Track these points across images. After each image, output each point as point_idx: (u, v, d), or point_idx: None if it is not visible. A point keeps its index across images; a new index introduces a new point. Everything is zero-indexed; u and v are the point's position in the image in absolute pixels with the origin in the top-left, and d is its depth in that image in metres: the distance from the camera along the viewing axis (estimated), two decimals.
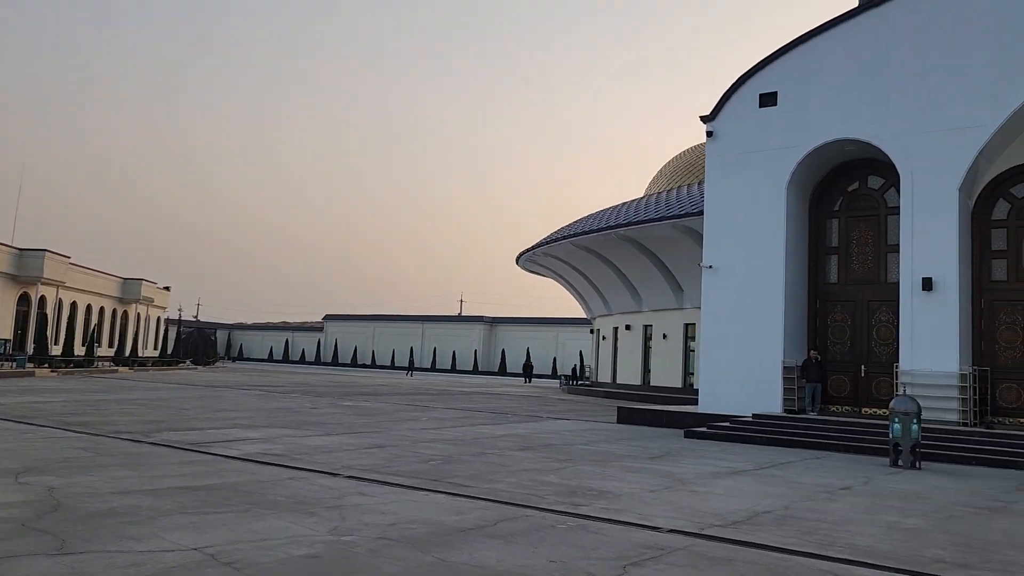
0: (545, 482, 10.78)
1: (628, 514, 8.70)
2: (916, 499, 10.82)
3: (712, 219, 22.33)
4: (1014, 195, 19.75)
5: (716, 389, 21.56)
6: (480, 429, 18.74)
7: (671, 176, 50.04)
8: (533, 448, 15.02)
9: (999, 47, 18.52)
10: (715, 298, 21.98)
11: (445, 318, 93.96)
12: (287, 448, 13.28)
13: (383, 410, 23.80)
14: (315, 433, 16.04)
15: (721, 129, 22.29)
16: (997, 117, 18.37)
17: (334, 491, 9.31)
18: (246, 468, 10.84)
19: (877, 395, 20.93)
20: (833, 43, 20.76)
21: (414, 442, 15.11)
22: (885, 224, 21.33)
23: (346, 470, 11.08)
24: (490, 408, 27.25)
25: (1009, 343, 19.44)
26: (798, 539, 7.81)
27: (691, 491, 10.60)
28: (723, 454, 15.53)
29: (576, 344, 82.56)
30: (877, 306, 21.17)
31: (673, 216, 33.86)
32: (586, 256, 42.36)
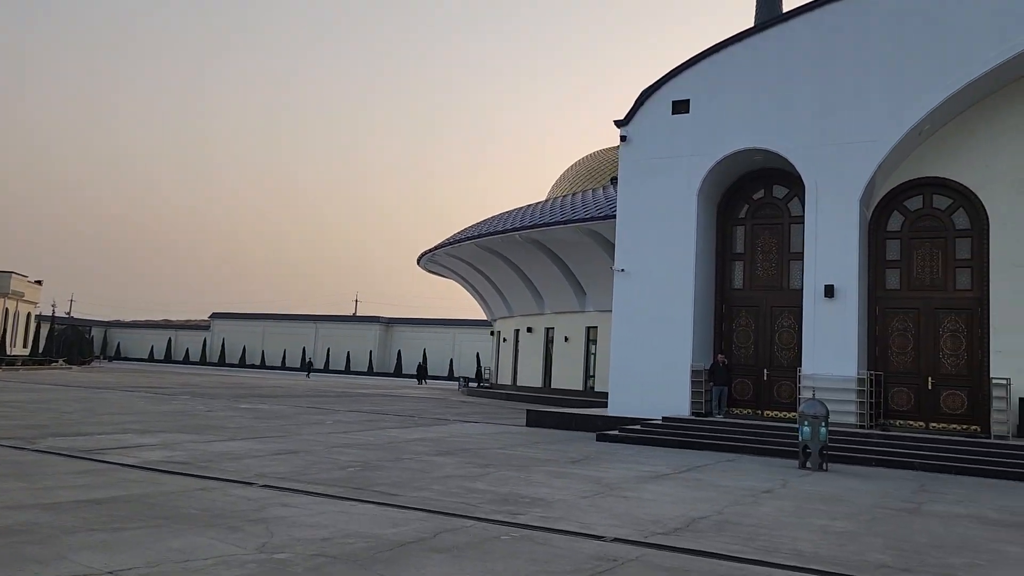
0: (474, 489, 10.40)
1: (568, 522, 8.43)
2: (836, 501, 11.01)
3: (624, 223, 22.48)
4: (907, 208, 20.71)
5: (625, 392, 21.69)
6: (390, 433, 18.15)
7: (574, 180, 50.53)
8: (450, 453, 14.59)
9: (895, 66, 19.35)
10: (626, 302, 22.13)
11: (340, 318, 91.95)
12: (190, 455, 12.39)
13: (284, 413, 22.82)
14: (217, 438, 15.11)
15: (635, 134, 22.47)
16: (894, 133, 19.20)
17: (253, 502, 8.64)
18: (150, 478, 9.98)
19: (779, 398, 21.53)
20: (743, 55, 21.25)
21: (326, 447, 14.43)
22: (788, 232, 21.99)
23: (260, 478, 10.37)
24: (394, 411, 26.60)
25: (901, 349, 20.35)
26: (743, 545, 7.72)
27: (623, 497, 10.44)
28: (639, 457, 15.53)
29: (473, 346, 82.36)
30: (780, 312, 21.80)
31: (579, 219, 34.05)
32: (489, 258, 42.14)
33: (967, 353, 19.66)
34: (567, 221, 34.34)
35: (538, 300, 42.06)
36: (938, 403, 19.79)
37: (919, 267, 20.40)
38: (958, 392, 19.65)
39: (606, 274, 36.11)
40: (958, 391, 19.66)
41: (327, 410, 25.15)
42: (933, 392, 19.86)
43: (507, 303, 45.34)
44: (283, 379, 57.19)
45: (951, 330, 19.89)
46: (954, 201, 20.19)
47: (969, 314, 19.73)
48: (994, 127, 19.68)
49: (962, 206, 20.08)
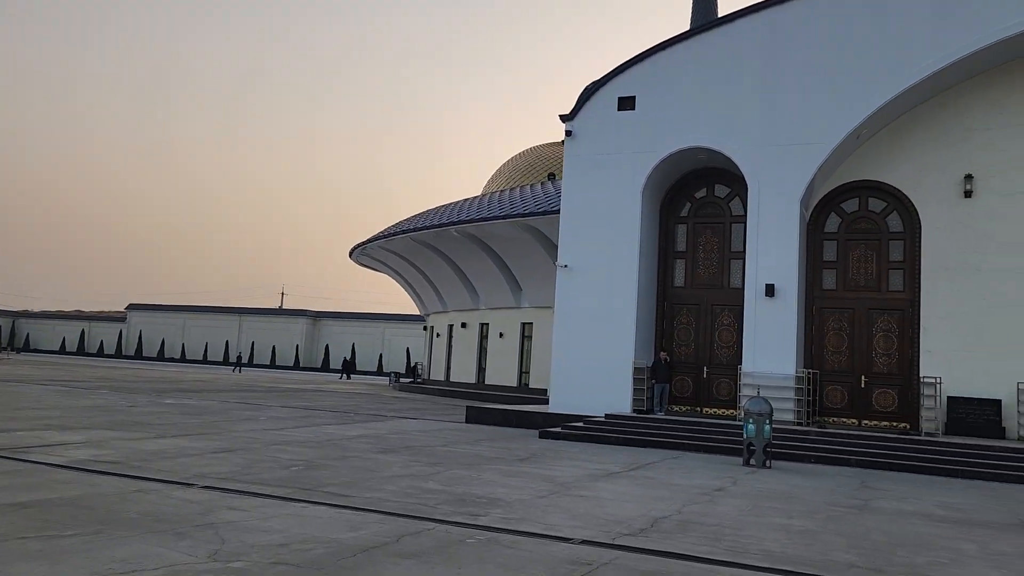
0: (428, 489, 10.03)
1: (531, 524, 8.16)
2: (789, 499, 11.04)
3: (568, 218, 22.33)
4: (844, 210, 21.14)
5: (567, 389, 21.56)
6: (328, 430, 17.59)
7: (511, 175, 50.36)
8: (394, 451, 14.16)
9: (837, 70, 19.70)
10: (569, 298, 21.99)
11: (265, 311, 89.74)
12: (121, 453, 11.66)
13: (212, 408, 21.94)
14: (146, 435, 14.32)
15: (580, 129, 22.35)
16: (835, 136, 19.54)
17: (197, 505, 8.10)
18: (81, 479, 9.29)
19: (717, 395, 21.74)
20: (689, 53, 21.34)
21: (264, 445, 13.82)
22: (730, 232, 22.20)
23: (200, 479, 9.79)
24: (327, 406, 25.91)
25: (836, 348, 20.77)
26: (712, 546, 7.58)
27: (579, 496, 10.23)
28: (586, 455, 15.38)
29: (403, 341, 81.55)
30: (720, 310, 22.00)
31: (517, 215, 33.86)
32: (424, 252, 41.60)
33: (898, 352, 20.19)
34: (505, 216, 34.10)
35: (473, 295, 41.73)
36: (870, 401, 20.27)
37: (854, 268, 20.85)
38: (889, 390, 20.16)
39: (543, 270, 36.07)
40: (889, 389, 20.17)
41: (258, 406, 24.32)
42: (866, 390, 20.33)
43: (441, 298, 44.87)
44: (205, 373, 55.40)
45: (884, 330, 20.40)
46: (888, 204, 20.70)
47: (901, 315, 20.25)
48: (927, 133, 20.23)
49: (896, 209, 20.60)
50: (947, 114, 20.10)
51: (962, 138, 19.91)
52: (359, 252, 47.93)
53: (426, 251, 41.45)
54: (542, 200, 34.71)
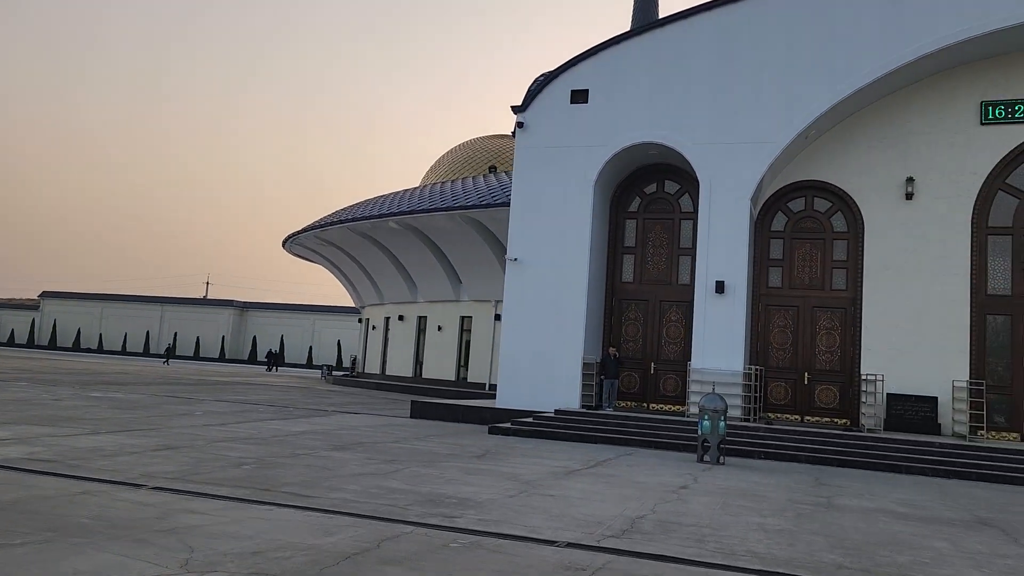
0: (393, 489, 9.60)
1: (510, 526, 7.84)
2: (755, 497, 10.98)
3: (518, 211, 22.03)
4: (791, 209, 21.42)
5: (514, 384, 21.28)
6: (271, 425, 16.91)
7: (450, 167, 49.79)
8: (346, 447, 13.64)
9: (788, 71, 19.91)
10: (518, 292, 21.70)
11: (189, 301, 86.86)
12: (55, 451, 10.87)
13: (143, 402, 20.92)
14: (79, 431, 13.45)
15: (532, 121, 22.06)
16: (785, 136, 19.74)
17: (152, 508, 7.51)
18: (17, 479, 8.56)
19: (664, 391, 21.79)
20: (643, 49, 21.27)
21: (208, 442, 13.13)
22: (679, 228, 22.26)
23: (147, 479, 9.15)
24: (263, 401, 25.05)
25: (781, 345, 21.05)
26: (699, 548, 7.40)
27: (548, 495, 9.95)
28: (541, 452, 15.13)
29: (334, 333, 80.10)
30: (668, 306, 22.05)
31: (459, 207, 33.43)
32: (362, 243, 40.78)
33: (840, 350, 20.56)
34: (447, 208, 33.64)
35: (411, 288, 41.13)
36: (813, 397, 20.61)
37: (799, 266, 21.16)
38: (831, 387, 20.53)
39: (484, 263, 35.75)
40: (831, 386, 20.54)
41: (190, 400, 23.33)
42: (809, 387, 20.66)
43: (378, 290, 44.10)
44: (127, 364, 53.23)
45: (827, 328, 20.75)
46: (833, 205, 21.05)
47: (844, 313, 20.63)
48: (871, 136, 20.63)
49: (840, 210, 20.96)
50: (890, 118, 20.53)
51: (904, 142, 20.36)
52: (293, 242, 46.73)
53: (364, 242, 40.64)
54: (485, 193, 34.37)
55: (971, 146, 19.81)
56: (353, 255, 43.51)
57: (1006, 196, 19.66)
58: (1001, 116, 19.60)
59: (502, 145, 50.08)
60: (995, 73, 19.77)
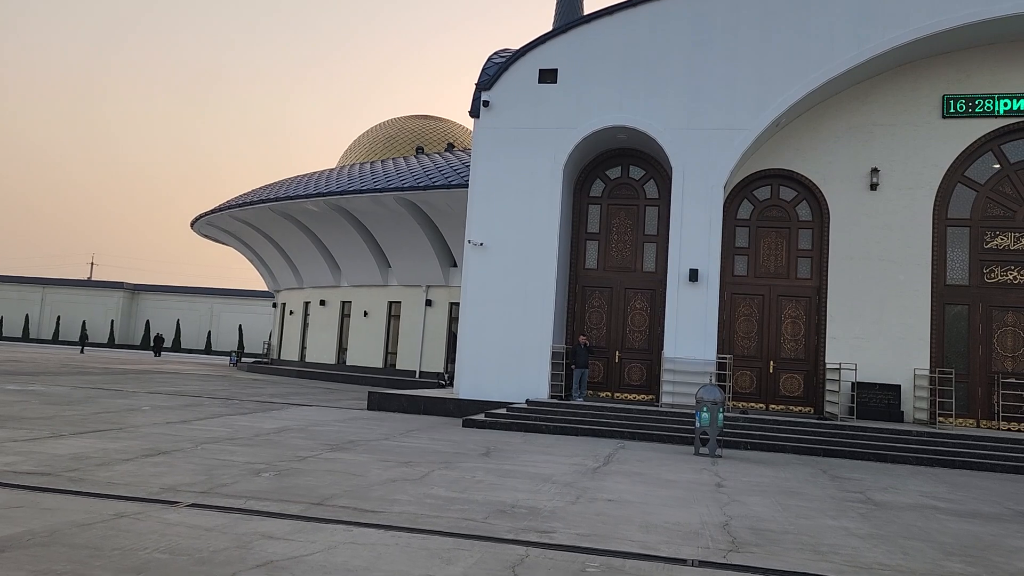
0: (447, 498, 8.72)
1: (616, 541, 7.15)
2: (795, 495, 10.65)
3: (481, 194, 21.14)
4: (756, 197, 21.42)
5: (477, 374, 20.48)
6: (236, 422, 15.54)
7: (370, 147, 48.11)
8: (343, 448, 12.57)
9: (762, 58, 19.81)
10: (480, 278, 20.86)
11: (73, 282, 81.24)
12: (35, 460, 9.40)
13: (73, 396, 18.97)
14: (38, 433, 11.83)
15: (497, 100, 21.18)
16: (758, 123, 19.65)
17: (221, 534, 6.40)
18: (28, 500, 7.21)
19: (629, 380, 21.48)
20: (615, 28, 20.73)
21: (194, 444, 11.79)
22: (644, 214, 21.93)
23: (173, 493, 7.95)
24: (199, 392, 23.29)
25: (746, 333, 21.07)
26: (829, 562, 6.91)
27: (608, 500, 9.29)
28: (538, 447, 14.43)
29: (234, 317, 76.63)
30: (633, 294, 21.71)
31: (394, 188, 32.15)
32: (282, 224, 38.78)
33: (805, 339, 20.76)
34: (383, 190, 32.28)
35: (335, 271, 39.50)
36: (778, 386, 20.74)
37: (765, 255, 21.21)
38: (796, 376, 20.71)
39: (416, 247, 34.59)
40: (796, 375, 20.72)
41: (120, 392, 21.40)
42: (774, 375, 20.78)
43: (297, 274, 42.17)
44: (11, 351, 49.06)
45: (792, 316, 20.90)
46: (799, 194, 21.18)
47: (808, 302, 20.83)
48: (837, 127, 20.83)
49: (806, 199, 21.11)
50: (855, 109, 20.77)
51: (868, 133, 20.65)
52: (204, 222, 44.07)
53: (285, 223, 38.68)
54: (421, 174, 33.20)
55: (933, 139, 20.27)
56: (271, 237, 41.39)
57: (964, 189, 20.24)
58: (961, 110, 20.12)
59: (425, 125, 48.80)
60: (956, 68, 20.27)
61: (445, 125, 48.93)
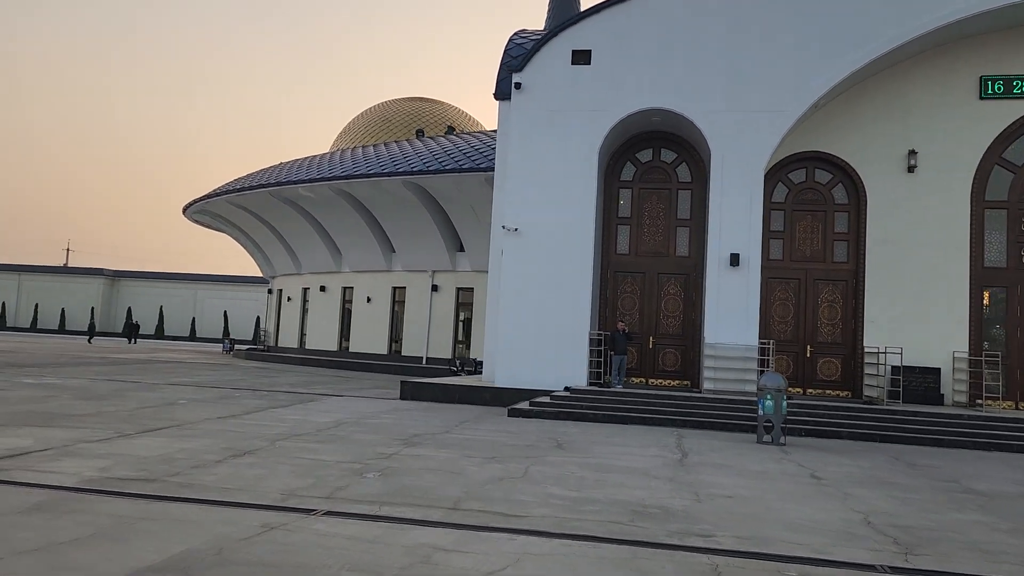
0: (573, 498, 8.34)
1: (780, 544, 6.84)
2: (905, 488, 10.38)
3: (514, 178, 20.65)
4: (792, 180, 21.17)
5: (514, 362, 20.07)
6: (287, 415, 15.03)
7: (365, 130, 47.30)
8: (415, 443, 12.12)
9: (802, 37, 19.48)
10: (515, 264, 20.39)
11: (51, 269, 79.47)
12: (130, 465, 8.85)
13: (97, 390, 18.29)
14: (105, 433, 11.25)
15: (529, 82, 20.65)
16: (799, 104, 19.36)
17: (386, 547, 5.97)
18: (159, 512, 6.70)
19: (664, 367, 21.22)
20: (650, 8, 20.26)
21: (268, 441, 11.30)
22: (676, 198, 21.59)
23: (295, 499, 7.50)
24: (218, 383, 22.66)
25: (782, 318, 20.88)
26: (989, 560, 6.65)
27: (726, 497, 8.97)
28: (603, 437, 14.07)
29: (218, 303, 75.49)
30: (666, 279, 21.41)
31: (403, 172, 31.54)
32: (281, 208, 37.95)
33: (842, 323, 20.61)
34: (391, 174, 31.70)
35: (336, 257, 38.81)
36: (815, 370, 20.59)
37: (801, 239, 20.99)
38: (834, 360, 20.57)
39: (421, 232, 34.01)
40: (833, 359, 20.58)
41: (140, 383, 20.75)
42: (811, 360, 20.62)
43: (296, 259, 41.38)
44: None
45: (828, 300, 20.73)
46: (834, 176, 20.95)
47: (845, 285, 20.66)
48: (874, 107, 20.60)
49: (841, 181, 20.90)
50: (892, 89, 20.55)
51: (906, 113, 20.44)
52: (199, 207, 43.08)
53: (283, 208, 37.85)
54: (428, 157, 32.60)
55: (970, 120, 20.11)
56: (269, 222, 40.51)
57: (1002, 171, 20.13)
58: (1000, 91, 19.97)
59: (422, 108, 48.04)
60: (994, 49, 20.09)
61: (442, 108, 48.20)
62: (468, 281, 34.37)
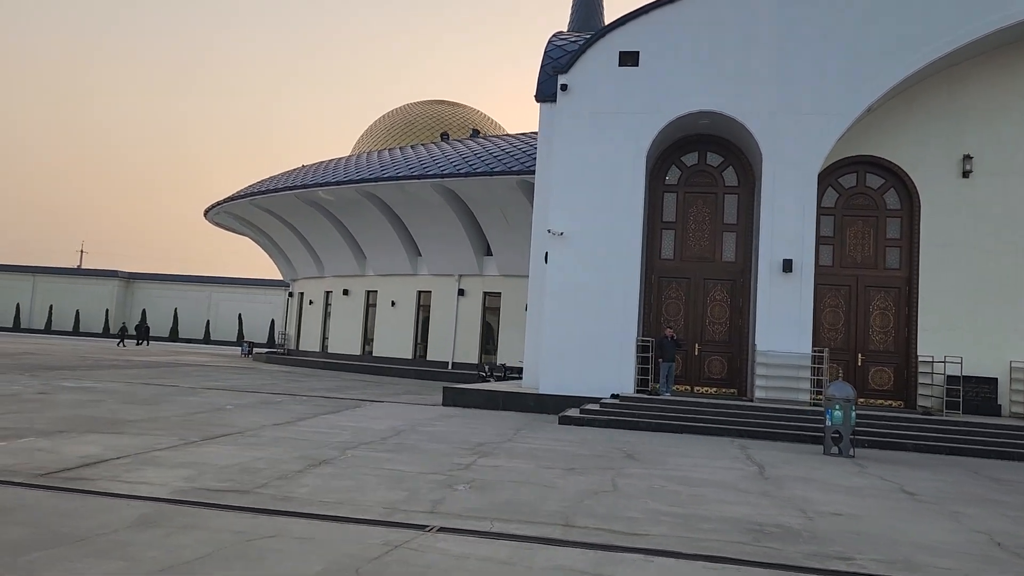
0: (683, 515, 7.93)
1: (935, 571, 6.42)
2: (998, 504, 10.00)
3: (561, 181, 20.26)
4: (842, 184, 20.75)
5: (559, 368, 19.64)
6: (338, 421, 14.65)
7: (387, 133, 47.03)
8: (487, 453, 11.72)
9: (854, 36, 19.07)
10: (560, 269, 19.98)
11: (67, 271, 79.27)
12: (212, 475, 8.46)
13: (140, 395, 17.94)
14: (168, 440, 10.87)
15: (576, 84, 20.27)
16: (854, 108, 18.94)
17: (526, 569, 5.58)
18: (268, 527, 6.30)
19: (710, 374, 20.80)
20: (699, 8, 19.88)
21: (338, 450, 10.91)
22: (723, 202, 21.18)
23: (401, 514, 7.10)
24: (251, 387, 22.29)
25: (832, 325, 20.43)
26: None
27: (835, 514, 8.56)
28: (664, 446, 13.68)
29: (233, 306, 75.11)
30: (712, 284, 20.99)
31: (433, 175, 31.21)
32: (306, 211, 37.59)
33: (895, 330, 20.16)
34: (421, 176, 31.39)
35: (360, 260, 38.45)
36: (867, 379, 20.14)
37: (851, 244, 20.56)
38: (886, 368, 20.12)
39: (449, 235, 33.63)
40: (885, 367, 20.13)
41: (178, 388, 20.41)
42: (863, 368, 20.18)
43: (319, 262, 41.04)
44: (14, 342, 47.48)
45: (880, 308, 20.29)
46: (886, 181, 20.52)
47: (898, 292, 20.22)
48: (927, 111, 20.18)
49: (894, 186, 20.47)
50: (946, 92, 20.13)
51: (960, 118, 20.02)
52: (220, 210, 42.77)
53: (307, 210, 37.52)
54: (458, 160, 32.25)
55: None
56: (293, 224, 40.18)
57: None
58: None
59: (444, 111, 47.75)
60: None
61: (464, 111, 47.90)
62: (496, 286, 34.03)
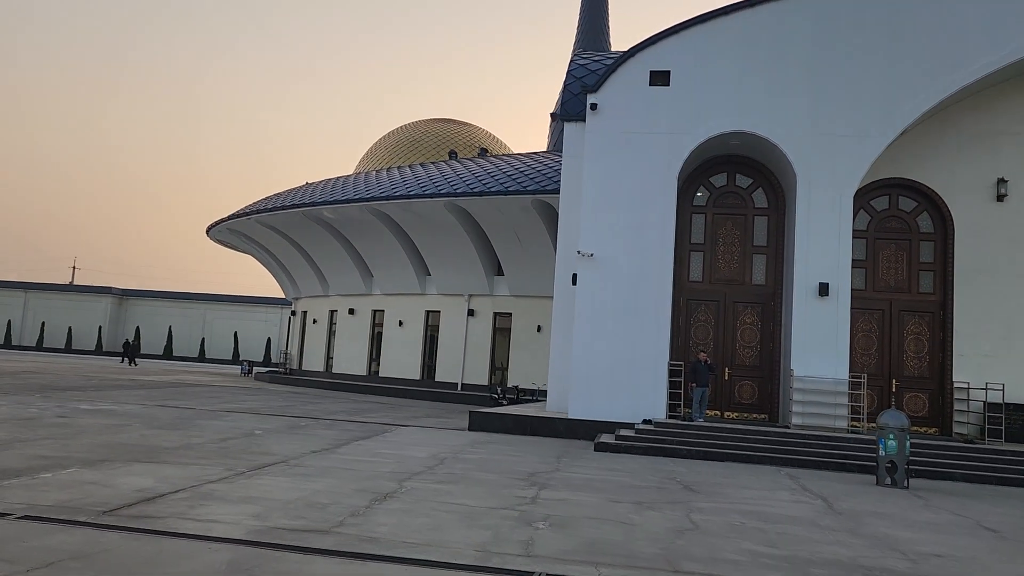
0: (780, 556, 7.50)
1: None
2: None
3: (589, 201, 19.91)
4: (874, 208, 20.48)
5: (589, 392, 19.16)
6: (375, 448, 14.16)
7: (393, 151, 46.71)
8: (544, 484, 11.26)
9: (890, 61, 18.87)
10: (590, 291, 19.57)
11: (59, 287, 78.35)
12: (286, 514, 7.95)
13: (162, 418, 17.36)
14: (213, 472, 10.34)
15: (606, 103, 19.97)
16: (889, 130, 18.71)
17: None
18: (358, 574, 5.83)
19: (740, 399, 20.39)
20: (732, 29, 19.66)
21: (395, 481, 10.40)
22: (752, 224, 20.87)
23: (496, 558, 6.64)
24: (266, 409, 21.72)
25: (865, 350, 20.08)
26: None
27: (936, 556, 8.14)
28: (715, 477, 13.26)
29: (229, 324, 74.34)
30: (742, 308, 20.63)
31: (446, 194, 30.85)
32: (313, 229, 37.09)
33: (929, 356, 19.83)
34: (434, 195, 31.04)
35: (366, 279, 37.94)
36: (901, 405, 19.74)
37: (884, 268, 20.26)
38: (920, 395, 19.77)
39: (458, 255, 33.21)
40: (920, 394, 19.78)
41: (197, 411, 19.83)
42: (897, 394, 19.81)
43: (323, 280, 40.50)
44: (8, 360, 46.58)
45: (914, 333, 19.96)
46: (919, 204, 20.28)
47: (932, 317, 19.91)
48: (960, 133, 19.98)
49: (927, 209, 20.22)
50: (979, 115, 19.93)
51: (995, 141, 19.82)
52: (224, 227, 42.26)
53: (313, 228, 37.03)
54: (470, 179, 31.90)
55: None
56: (298, 242, 39.67)
57: None
58: None
59: (450, 129, 47.48)
60: None
61: (471, 130, 47.65)
62: (507, 306, 33.63)
